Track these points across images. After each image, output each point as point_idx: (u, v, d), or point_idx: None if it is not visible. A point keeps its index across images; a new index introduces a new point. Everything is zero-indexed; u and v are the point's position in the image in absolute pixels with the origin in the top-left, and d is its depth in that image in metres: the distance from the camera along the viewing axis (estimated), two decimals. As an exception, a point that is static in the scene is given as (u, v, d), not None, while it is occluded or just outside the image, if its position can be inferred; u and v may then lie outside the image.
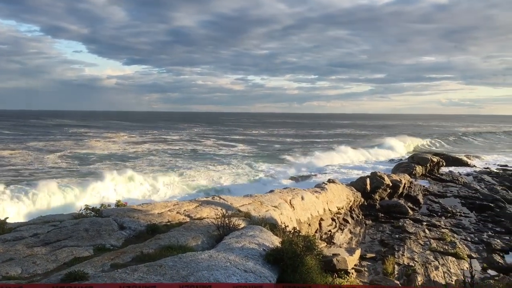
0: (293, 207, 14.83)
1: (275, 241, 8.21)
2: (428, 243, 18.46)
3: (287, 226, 10.34)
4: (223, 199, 12.23)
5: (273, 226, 10.02)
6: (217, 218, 9.09)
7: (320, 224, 18.08)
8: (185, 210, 10.89)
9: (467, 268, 15.17)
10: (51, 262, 6.90)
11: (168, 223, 9.76)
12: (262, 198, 13.63)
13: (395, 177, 28.75)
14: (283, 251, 6.96)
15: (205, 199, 12.21)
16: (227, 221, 8.90)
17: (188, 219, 10.17)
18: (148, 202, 11.21)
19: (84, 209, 10.08)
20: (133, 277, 5.31)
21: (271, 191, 15.72)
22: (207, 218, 10.19)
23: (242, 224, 9.62)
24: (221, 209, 10.19)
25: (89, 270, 5.89)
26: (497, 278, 13.81)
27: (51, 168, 38.65)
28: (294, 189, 17.45)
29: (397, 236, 19.66)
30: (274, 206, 13.13)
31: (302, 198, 16.18)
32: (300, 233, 9.82)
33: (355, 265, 14.58)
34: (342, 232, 19.18)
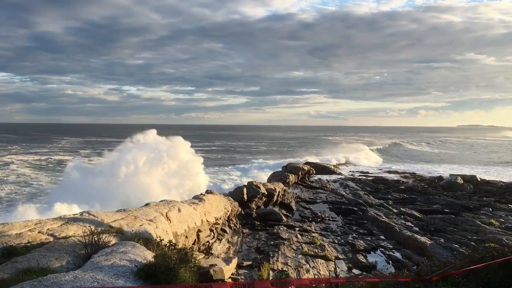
0: (170, 220, 14.51)
1: (148, 256, 7.90)
2: (300, 247, 19.47)
3: (163, 239, 10.05)
4: (93, 215, 11.47)
5: (147, 240, 9.64)
6: (84, 235, 8.47)
7: (198, 235, 17.96)
8: (48, 229, 9.97)
9: (334, 269, 16.31)
10: None
11: (28, 244, 8.83)
12: (136, 213, 13.09)
13: (270, 185, 29.90)
14: (156, 266, 6.71)
15: (72, 216, 11.32)
16: (96, 238, 8.33)
17: (51, 239, 9.32)
18: (3, 223, 10.03)
19: None
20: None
21: (147, 205, 15.20)
22: (74, 236, 9.45)
23: (114, 240, 9.10)
24: (90, 226, 9.53)
25: None
26: (360, 276, 15.05)
27: None
28: (170, 201, 17.10)
29: (272, 242, 20.40)
30: (149, 220, 12.69)
31: (179, 210, 15.92)
32: (177, 246, 9.61)
33: (232, 274, 14.73)
34: (220, 242, 19.30)
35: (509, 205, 29.55)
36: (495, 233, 20.20)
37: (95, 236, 8.39)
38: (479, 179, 40.64)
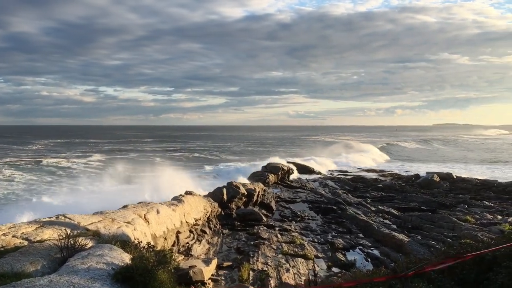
0: (148, 221, 14.37)
1: (125, 258, 7.81)
2: (280, 247, 19.52)
3: (141, 242, 9.95)
4: (69, 218, 11.27)
5: (125, 243, 9.53)
6: (60, 239, 8.32)
7: (177, 237, 17.85)
8: (23, 233, 9.75)
9: (312, 268, 16.40)
10: None
11: (2, 249, 8.62)
12: (114, 215, 12.92)
13: (250, 186, 29.92)
14: (133, 268, 6.64)
15: (47, 219, 11.09)
16: (72, 242, 8.19)
17: (26, 243, 9.12)
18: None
19: None
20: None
21: (124, 207, 15.01)
22: (49, 240, 9.28)
23: (90, 243, 8.97)
24: (65, 229, 9.36)
25: None
26: (339, 274, 15.17)
27: None
28: (149, 203, 16.94)
29: (252, 243, 20.40)
30: (127, 222, 12.54)
31: (158, 212, 15.79)
32: (155, 248, 9.52)
33: (212, 275, 14.67)
34: (200, 243, 19.22)
35: (484, 202, 30.20)
36: (471, 230, 20.63)
37: (71, 239, 8.24)
38: (455, 177, 41.43)
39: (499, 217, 24.64)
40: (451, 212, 26.46)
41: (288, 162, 50.45)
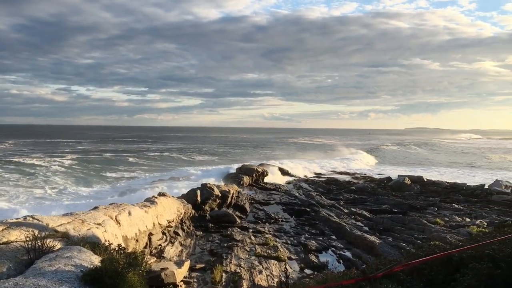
0: (119, 223, 14.13)
1: (95, 260, 7.66)
2: (253, 249, 19.51)
3: (111, 243, 9.78)
4: (37, 219, 10.97)
5: (94, 245, 9.35)
6: (27, 240, 8.11)
7: (149, 239, 17.62)
8: (-12, 234, 9.46)
9: (284, 270, 16.46)
10: None
11: (-35, 252, 8.33)
12: (84, 216, 12.65)
13: (224, 187, 29.85)
14: (102, 270, 6.52)
15: (14, 220, 10.77)
16: (39, 243, 7.99)
17: (-9, 245, 8.84)
18: None
19: None
20: None
21: (95, 208, 14.71)
22: (16, 241, 9.02)
23: (59, 245, 8.77)
24: (33, 231, 9.12)
25: None
26: (312, 276, 15.29)
27: None
28: (121, 204, 16.66)
29: (225, 244, 20.33)
30: (97, 224, 12.30)
31: (130, 214, 15.55)
32: (126, 250, 9.38)
33: (184, 277, 14.54)
34: (172, 245, 19.03)
35: (454, 204, 30.95)
36: (440, 232, 21.09)
37: (38, 241, 8.05)
38: (425, 180, 42.33)
39: (468, 219, 25.28)
40: (422, 214, 27.01)
41: (262, 164, 50.54)
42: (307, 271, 17.19)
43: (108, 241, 10.80)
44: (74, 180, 43.14)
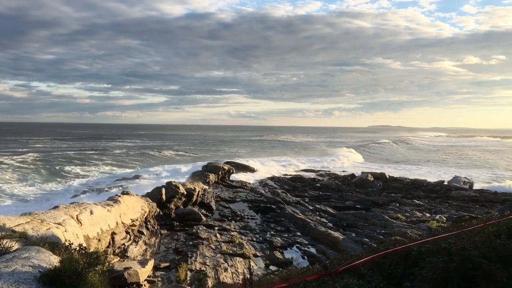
0: (81, 222, 13.81)
1: (54, 261, 7.45)
2: (219, 246, 19.48)
3: (72, 243, 9.54)
4: (-7, 220, 10.60)
5: (54, 245, 9.09)
6: (-18, 242, 7.80)
7: (112, 238, 17.31)
8: None
9: (248, 267, 16.53)
10: None
11: None
12: (43, 216, 12.29)
13: (190, 185, 29.62)
14: (61, 270, 6.36)
15: (-31, 221, 10.37)
16: (-5, 244, 7.71)
17: None
18: None
19: None
20: None
21: (56, 207, 14.32)
22: (-30, 243, 8.67)
23: (16, 246, 8.47)
24: (-12, 231, 8.80)
25: None
26: (276, 272, 15.39)
27: None
28: (82, 203, 16.29)
29: (190, 243, 20.21)
30: (57, 223, 11.98)
31: (91, 213, 15.22)
32: (88, 250, 9.17)
33: (148, 276, 14.39)
34: (136, 245, 18.76)
35: (414, 200, 31.88)
36: (401, 227, 21.68)
37: (-6, 242, 7.77)
38: (387, 176, 43.38)
39: (428, 215, 26.12)
40: (384, 210, 27.69)
41: (228, 161, 50.47)
42: (272, 267, 17.31)
43: (69, 241, 10.53)
44: (34, 179, 41.83)
